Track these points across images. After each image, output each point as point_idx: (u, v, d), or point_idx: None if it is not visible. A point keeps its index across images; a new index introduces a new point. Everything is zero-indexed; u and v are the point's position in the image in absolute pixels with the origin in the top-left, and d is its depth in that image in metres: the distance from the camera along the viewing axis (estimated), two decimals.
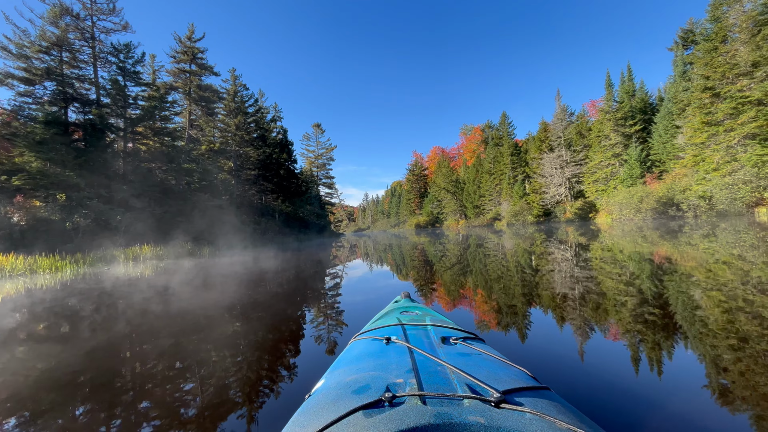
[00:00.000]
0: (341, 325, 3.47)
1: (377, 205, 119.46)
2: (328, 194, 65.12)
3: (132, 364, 2.76)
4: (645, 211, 24.55)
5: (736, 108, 20.48)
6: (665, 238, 10.40)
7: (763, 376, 1.93)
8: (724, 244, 7.83)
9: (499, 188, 52.48)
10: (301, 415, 0.91)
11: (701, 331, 2.67)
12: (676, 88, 29.33)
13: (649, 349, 2.41)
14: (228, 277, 7.59)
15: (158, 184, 20.99)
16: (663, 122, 29.84)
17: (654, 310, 3.26)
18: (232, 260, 12.41)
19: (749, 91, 20.39)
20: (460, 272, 6.74)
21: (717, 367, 2.09)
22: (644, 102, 34.73)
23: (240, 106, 35.17)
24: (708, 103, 22.55)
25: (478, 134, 69.06)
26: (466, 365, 1.02)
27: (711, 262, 5.59)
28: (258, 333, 3.35)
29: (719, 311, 3.08)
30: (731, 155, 20.88)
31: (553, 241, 12.51)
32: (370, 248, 16.61)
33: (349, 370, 1.12)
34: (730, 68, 21.25)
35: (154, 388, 2.26)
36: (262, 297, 5.19)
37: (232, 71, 36.20)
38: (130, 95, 20.71)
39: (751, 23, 20.67)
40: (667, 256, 6.66)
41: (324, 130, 62.99)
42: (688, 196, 22.13)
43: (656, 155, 30.26)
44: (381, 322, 1.75)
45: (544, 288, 4.63)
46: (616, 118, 33.47)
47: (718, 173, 21.22)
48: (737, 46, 21.14)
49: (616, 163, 33.64)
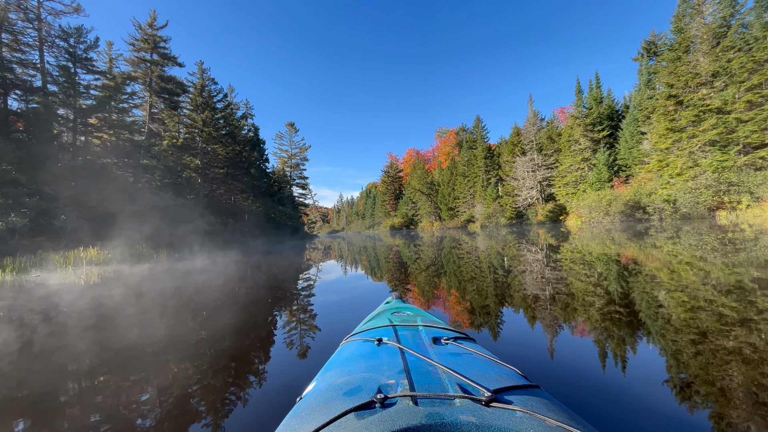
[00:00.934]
0: (332, 327, 3.44)
1: (352, 207, 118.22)
2: (301, 195, 63.59)
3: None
4: (613, 214, 25.20)
5: (697, 116, 21.33)
6: (632, 240, 10.72)
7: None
8: (687, 246, 8.13)
9: (472, 191, 53.15)
10: (293, 417, 0.90)
11: (671, 329, 2.77)
12: (641, 96, 30.45)
13: (636, 346, 2.49)
14: (183, 284, 6.70)
15: (113, 181, 19.33)
16: (629, 128, 30.89)
17: (636, 309, 3.39)
18: (191, 265, 11.36)
19: (710, 99, 21.30)
20: (435, 273, 6.74)
21: (707, 365, 2.13)
22: (611, 109, 35.95)
23: (208, 101, 33.45)
24: (672, 110, 23.43)
25: (453, 137, 69.85)
26: (457, 365, 1.01)
27: (679, 262, 5.63)
28: (245, 336, 3.31)
29: (706, 315, 2.98)
30: (693, 161, 21.73)
31: (525, 243, 12.68)
32: (345, 250, 16.05)
33: (341, 371, 1.11)
34: (693, 77, 22.15)
35: (125, 390, 2.26)
36: (229, 305, 4.42)
37: (200, 64, 34.43)
38: (81, 83, 18.98)
39: (711, 35, 21.64)
40: (634, 258, 6.87)
41: (298, 129, 61.59)
42: (653, 199, 22.85)
43: (623, 160, 31.29)
44: (372, 323, 1.73)
45: (529, 289, 4.62)
46: (585, 124, 34.41)
47: (681, 178, 22.04)
48: (698, 57, 22.07)
49: (585, 167, 34.57)
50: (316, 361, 2.42)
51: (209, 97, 33.73)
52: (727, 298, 3.47)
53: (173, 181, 26.66)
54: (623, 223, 23.75)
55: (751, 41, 19.46)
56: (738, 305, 3.20)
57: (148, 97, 24.76)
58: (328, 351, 1.85)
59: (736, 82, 19.88)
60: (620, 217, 24.90)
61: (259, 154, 43.58)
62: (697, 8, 22.69)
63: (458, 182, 56.67)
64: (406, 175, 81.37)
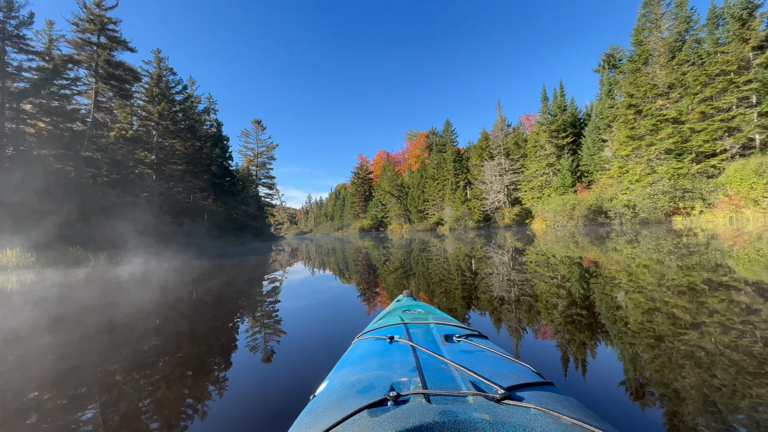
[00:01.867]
0: (343, 326, 3.42)
1: (321, 208, 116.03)
2: (268, 195, 61.23)
3: None
4: (577, 218, 25.85)
5: (655, 125, 22.28)
6: (595, 243, 10.91)
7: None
8: (646, 249, 8.30)
9: (442, 193, 53.58)
10: (307, 415, 0.90)
11: (684, 330, 2.72)
12: (603, 105, 31.68)
13: (650, 343, 2.46)
14: (117, 292, 5.62)
15: (51, 175, 17.25)
16: (591, 136, 32.03)
17: (648, 308, 3.30)
18: (133, 269, 10.06)
19: (666, 110, 22.32)
20: (402, 275, 6.69)
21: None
22: (574, 117, 37.24)
23: (165, 92, 31.25)
24: (632, 119, 24.38)
25: (423, 140, 70.34)
26: (469, 362, 1.01)
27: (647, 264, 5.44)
28: (259, 336, 3.27)
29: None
30: (651, 168, 22.66)
31: (492, 245, 12.81)
32: (313, 252, 15.23)
33: (353, 370, 1.11)
34: (651, 88, 23.15)
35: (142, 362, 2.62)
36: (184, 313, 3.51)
37: (156, 52, 32.17)
38: (11, 63, 16.82)
39: (667, 49, 22.71)
40: (595, 261, 6.74)
41: (265, 127, 59.42)
42: (615, 204, 23.62)
43: (585, 166, 32.38)
44: (384, 321, 1.71)
45: (518, 288, 4.58)
46: (550, 130, 35.38)
47: (640, 184, 22.93)
48: (656, 69, 23.10)
49: (550, 173, 35.51)
50: (329, 360, 2.25)
51: (167, 88, 31.50)
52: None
53: (123, 177, 24.44)
54: (586, 227, 24.40)
55: (704, 56, 20.56)
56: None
57: (94, 83, 22.54)
58: (339, 350, 1.84)
59: (690, 94, 20.92)
60: (583, 221, 25.58)
61: (222, 151, 41.39)
62: (655, 23, 23.77)
63: (428, 185, 56.96)
64: (376, 176, 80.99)
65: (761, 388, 1.76)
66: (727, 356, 2.14)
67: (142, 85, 30.75)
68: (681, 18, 22.16)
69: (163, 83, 31.31)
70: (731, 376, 1.90)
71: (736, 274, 4.62)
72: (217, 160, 38.02)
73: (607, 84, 32.46)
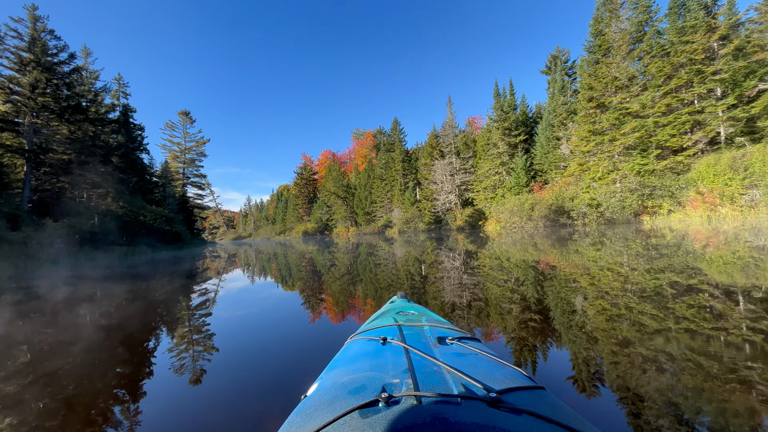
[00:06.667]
0: (337, 326, 3.41)
1: (261, 211, 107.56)
2: (198, 196, 53.47)
3: None
4: (537, 219, 23.86)
5: (618, 119, 20.87)
6: (555, 246, 10.30)
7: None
8: (612, 252, 7.91)
9: (390, 195, 50.82)
10: (297, 415, 0.89)
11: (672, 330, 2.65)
12: (555, 102, 30.63)
13: (640, 346, 2.39)
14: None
15: None
16: (544, 134, 30.79)
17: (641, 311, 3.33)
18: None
19: (628, 103, 21.03)
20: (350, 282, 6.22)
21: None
22: (525, 115, 36.19)
23: (41, 59, 24.29)
24: (593, 113, 22.94)
25: (370, 139, 67.39)
26: (462, 365, 1.00)
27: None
28: (252, 332, 3.33)
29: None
30: (614, 164, 21.23)
31: (443, 249, 12.26)
32: (242, 260, 13.25)
33: (345, 370, 1.10)
34: (612, 81, 21.82)
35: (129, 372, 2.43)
36: None
37: (31, 8, 25.11)
38: None
39: (628, 39, 21.52)
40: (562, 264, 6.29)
41: (194, 119, 51.97)
42: (577, 204, 21.88)
43: (539, 165, 31.06)
44: (377, 322, 1.69)
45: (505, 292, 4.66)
46: (503, 128, 33.80)
47: (603, 182, 21.41)
48: (618, 60, 21.82)
49: (503, 172, 33.87)
50: (321, 360, 1.97)
51: (43, 53, 24.49)
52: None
53: None
54: (547, 228, 22.47)
55: (668, 46, 19.43)
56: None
57: None
58: (332, 349, 1.67)
59: (654, 86, 19.71)
60: (544, 222, 23.64)
61: (130, 141, 34.30)
62: (614, 12, 22.59)
63: (375, 186, 53.84)
64: (321, 177, 76.32)
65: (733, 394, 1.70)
66: (717, 359, 2.07)
67: (7, 49, 23.73)
68: (641, 7, 21.06)
69: (37, 47, 24.34)
70: (720, 382, 1.82)
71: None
72: (120, 149, 31.17)
73: (560, 80, 31.51)
